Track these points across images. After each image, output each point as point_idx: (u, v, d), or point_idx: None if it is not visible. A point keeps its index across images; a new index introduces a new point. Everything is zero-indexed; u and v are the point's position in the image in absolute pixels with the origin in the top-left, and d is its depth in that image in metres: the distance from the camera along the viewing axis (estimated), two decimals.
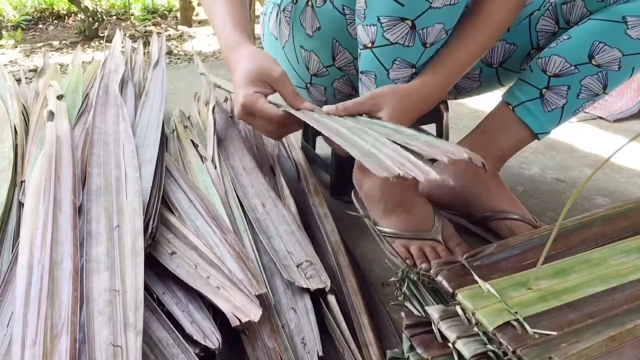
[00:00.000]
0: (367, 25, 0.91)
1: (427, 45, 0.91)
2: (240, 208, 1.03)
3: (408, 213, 1.04)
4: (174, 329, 0.73)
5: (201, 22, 4.00)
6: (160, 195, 1.00)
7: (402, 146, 0.70)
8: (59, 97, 1.34)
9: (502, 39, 1.11)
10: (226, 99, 1.58)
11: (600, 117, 1.84)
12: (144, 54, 1.81)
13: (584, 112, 1.54)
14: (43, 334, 0.67)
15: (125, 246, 0.84)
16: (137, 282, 0.76)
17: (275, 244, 0.94)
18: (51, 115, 1.21)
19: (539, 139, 1.06)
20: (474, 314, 0.65)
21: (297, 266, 0.87)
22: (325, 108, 0.92)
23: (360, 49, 0.96)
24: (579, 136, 1.66)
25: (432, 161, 0.66)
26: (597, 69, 0.99)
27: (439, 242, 1.01)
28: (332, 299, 0.83)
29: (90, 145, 1.10)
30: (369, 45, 0.93)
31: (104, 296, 0.74)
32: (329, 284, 0.83)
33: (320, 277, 0.84)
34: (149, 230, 0.88)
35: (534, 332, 0.62)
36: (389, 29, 0.89)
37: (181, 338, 0.71)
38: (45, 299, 0.72)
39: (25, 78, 2.19)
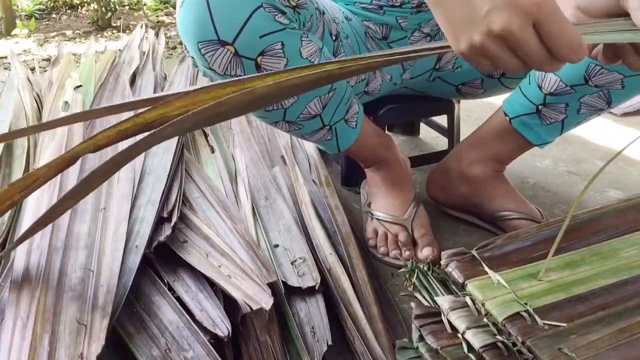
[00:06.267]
0: None
1: None
2: (250, 199, 1.04)
3: (387, 198, 1.06)
4: (184, 312, 0.73)
5: None
6: (182, 187, 1.00)
7: None
8: (77, 88, 1.35)
9: None
10: None
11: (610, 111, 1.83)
12: (167, 43, 1.82)
13: None
14: (34, 319, 0.67)
15: (108, 229, 0.85)
16: (113, 266, 0.76)
17: (274, 238, 0.95)
18: (66, 105, 1.22)
19: (540, 148, 1.04)
20: (483, 305, 0.65)
21: (292, 263, 0.88)
22: None
23: None
24: (593, 129, 1.64)
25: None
26: (596, 89, 0.93)
27: (405, 228, 1.02)
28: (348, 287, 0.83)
29: (91, 126, 1.10)
30: None
31: (77, 273, 0.75)
32: (319, 281, 0.83)
33: (312, 274, 0.85)
34: (172, 222, 0.88)
35: (544, 324, 0.62)
36: None
37: (191, 322, 0.71)
38: (40, 284, 0.73)
39: (39, 67, 2.20)
